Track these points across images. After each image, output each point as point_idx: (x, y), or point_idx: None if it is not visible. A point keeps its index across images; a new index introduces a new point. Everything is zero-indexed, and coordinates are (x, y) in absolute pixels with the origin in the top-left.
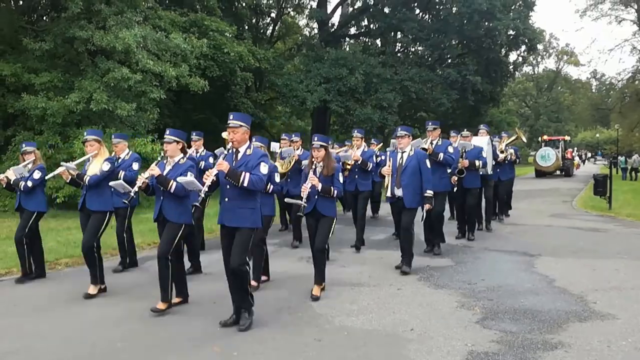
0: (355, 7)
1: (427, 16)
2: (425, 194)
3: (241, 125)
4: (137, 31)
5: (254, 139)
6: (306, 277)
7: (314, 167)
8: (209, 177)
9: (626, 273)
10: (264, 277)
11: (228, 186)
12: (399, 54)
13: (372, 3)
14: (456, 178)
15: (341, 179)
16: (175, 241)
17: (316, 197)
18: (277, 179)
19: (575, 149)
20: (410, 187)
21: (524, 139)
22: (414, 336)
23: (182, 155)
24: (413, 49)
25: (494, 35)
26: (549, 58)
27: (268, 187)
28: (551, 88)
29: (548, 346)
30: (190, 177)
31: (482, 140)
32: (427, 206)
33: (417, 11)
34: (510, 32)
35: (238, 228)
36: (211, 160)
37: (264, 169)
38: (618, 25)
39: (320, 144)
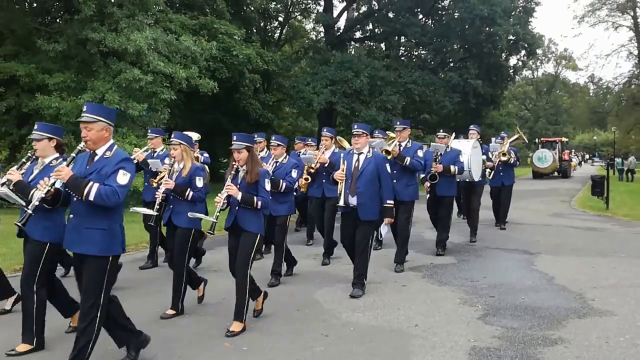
0: (361, 11)
1: (430, 21)
2: (385, 205)
3: (98, 120)
4: (148, 33)
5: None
6: (314, 274)
7: (233, 172)
8: (42, 188)
9: (623, 271)
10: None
11: (75, 198)
12: (402, 58)
13: (376, 8)
14: (428, 184)
15: (267, 187)
16: (40, 264)
17: (237, 208)
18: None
19: (573, 150)
20: (366, 195)
21: (526, 139)
22: (418, 332)
23: (56, 155)
24: (416, 53)
25: (495, 40)
26: (548, 62)
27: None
28: (550, 91)
29: (548, 342)
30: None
31: (465, 144)
32: (387, 220)
33: (420, 16)
34: (511, 37)
35: (84, 256)
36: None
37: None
38: (615, 32)
39: (242, 145)
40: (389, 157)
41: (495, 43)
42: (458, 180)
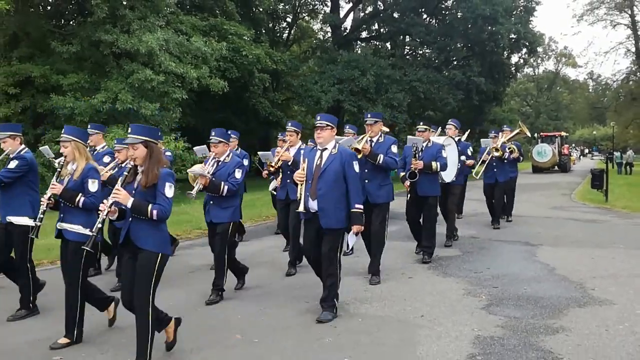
0: (367, 12)
1: (434, 21)
2: (353, 210)
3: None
4: (159, 35)
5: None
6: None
7: (127, 173)
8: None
9: (622, 261)
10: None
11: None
12: (407, 57)
13: (382, 8)
14: (408, 183)
15: (169, 193)
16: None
17: (130, 218)
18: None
19: (574, 145)
20: (329, 199)
21: (528, 133)
22: (424, 322)
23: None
24: (421, 52)
25: (497, 38)
26: (549, 60)
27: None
28: (551, 88)
29: (550, 330)
30: None
31: (445, 139)
32: (355, 228)
33: (425, 16)
34: (512, 35)
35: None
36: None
37: (92, 186)
38: (613, 30)
39: (138, 139)
40: (359, 156)
41: (497, 41)
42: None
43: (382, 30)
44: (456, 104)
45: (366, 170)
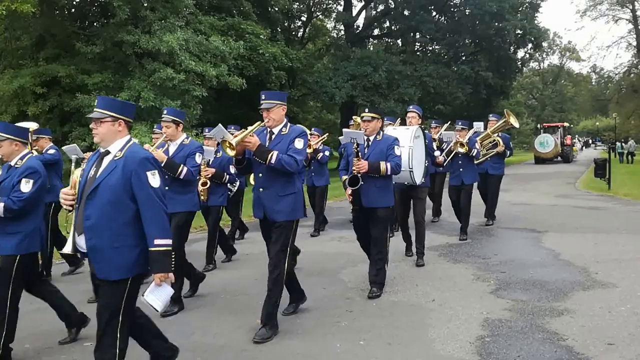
0: (378, 10)
1: (442, 18)
2: (151, 249)
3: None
4: (179, 35)
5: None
6: (338, 255)
7: None
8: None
9: (625, 246)
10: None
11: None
12: (418, 53)
13: (393, 6)
14: (350, 191)
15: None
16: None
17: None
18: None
19: (577, 136)
20: (103, 232)
21: (516, 124)
22: (435, 306)
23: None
24: (430, 48)
25: (504, 34)
26: (553, 54)
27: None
28: (555, 81)
29: (555, 312)
30: None
31: (403, 133)
32: (158, 277)
33: (434, 13)
34: (518, 31)
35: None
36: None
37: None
38: (615, 24)
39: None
40: (231, 154)
41: (504, 37)
42: (394, 182)
43: (393, 27)
44: (465, 98)
45: (260, 175)
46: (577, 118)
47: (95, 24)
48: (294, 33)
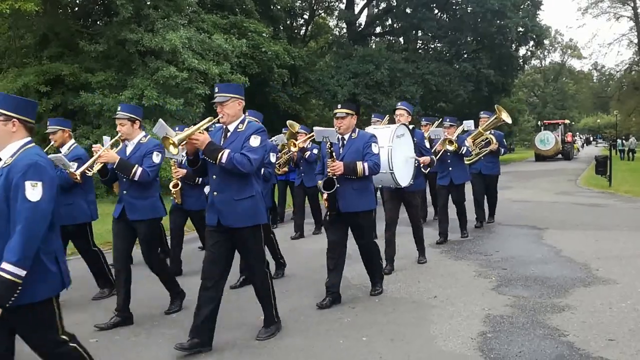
0: (380, 8)
1: (444, 15)
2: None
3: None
4: (182, 33)
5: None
6: None
7: None
8: None
9: (625, 243)
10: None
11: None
12: (419, 51)
13: (395, 4)
14: (325, 196)
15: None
16: None
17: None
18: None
19: (578, 133)
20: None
21: (508, 120)
22: (437, 302)
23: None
24: (432, 46)
25: (505, 32)
26: (555, 52)
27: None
28: (557, 79)
29: (556, 309)
30: None
31: (384, 132)
32: None
33: (436, 11)
34: (520, 29)
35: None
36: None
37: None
38: (616, 22)
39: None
40: (174, 153)
41: (505, 35)
42: (379, 186)
43: (395, 25)
44: (466, 96)
45: (214, 177)
46: (579, 115)
47: (98, 22)
48: (296, 31)
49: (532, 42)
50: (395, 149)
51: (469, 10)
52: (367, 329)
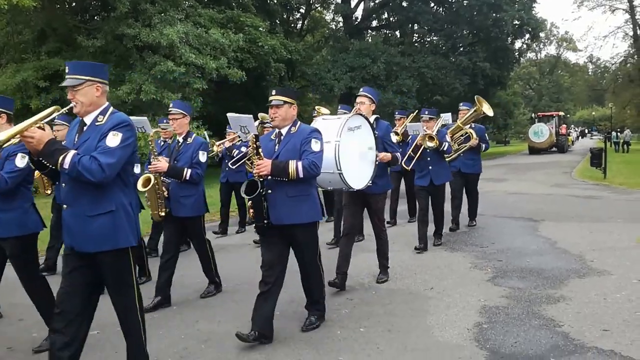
0: (376, 1)
1: (440, 9)
2: None
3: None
4: (179, 28)
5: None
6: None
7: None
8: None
9: (619, 234)
10: None
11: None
12: (416, 44)
13: None
14: (250, 205)
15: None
16: None
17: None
18: None
19: (573, 126)
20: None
21: (489, 112)
22: (434, 294)
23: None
24: (429, 39)
25: (501, 25)
26: (550, 45)
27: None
28: (552, 72)
29: (551, 300)
30: None
31: (333, 123)
32: None
33: (432, 4)
34: (516, 22)
35: None
36: None
37: None
38: (612, 14)
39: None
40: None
41: (501, 28)
42: (329, 189)
43: (391, 18)
44: (462, 89)
45: (63, 185)
46: (574, 108)
47: (96, 17)
48: (292, 25)
49: (527, 35)
50: (345, 145)
51: (464, 4)
52: (365, 320)
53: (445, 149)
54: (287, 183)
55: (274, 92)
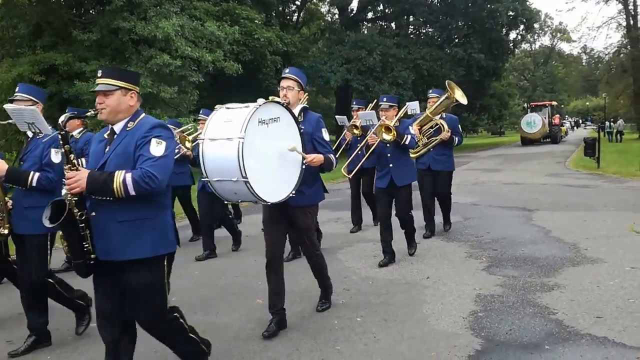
0: None
1: (435, 0)
2: None
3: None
4: (175, 21)
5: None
6: (335, 236)
7: None
8: None
9: (613, 223)
10: None
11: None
12: (411, 36)
13: None
14: (61, 234)
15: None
16: None
17: None
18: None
19: (567, 116)
20: None
21: (463, 100)
22: (430, 283)
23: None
24: (424, 31)
25: (496, 16)
26: (545, 36)
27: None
28: (546, 62)
29: (546, 288)
30: None
31: (234, 114)
32: None
33: None
34: (510, 13)
35: None
36: None
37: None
38: (605, 5)
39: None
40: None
41: (496, 19)
42: (238, 202)
43: (387, 10)
44: (458, 80)
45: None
46: (568, 98)
47: (91, 11)
48: (288, 17)
49: (522, 26)
50: (253, 143)
51: None
52: (362, 309)
53: (407, 142)
54: (115, 203)
55: (100, 72)
